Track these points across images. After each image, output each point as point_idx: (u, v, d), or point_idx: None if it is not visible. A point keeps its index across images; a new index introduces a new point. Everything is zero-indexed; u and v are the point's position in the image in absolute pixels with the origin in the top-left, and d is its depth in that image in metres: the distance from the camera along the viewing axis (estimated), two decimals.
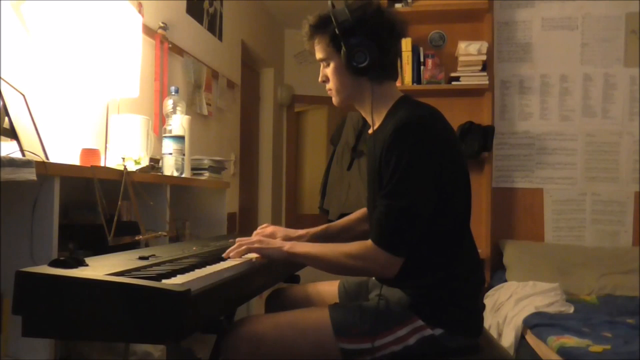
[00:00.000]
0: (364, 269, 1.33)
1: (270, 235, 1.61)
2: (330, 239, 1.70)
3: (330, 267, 1.34)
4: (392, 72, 1.45)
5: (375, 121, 1.42)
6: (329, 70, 1.43)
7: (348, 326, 1.28)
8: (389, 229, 1.25)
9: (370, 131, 1.46)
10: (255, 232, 1.63)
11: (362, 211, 1.69)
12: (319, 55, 1.43)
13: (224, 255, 1.39)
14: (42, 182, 1.30)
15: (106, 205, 1.50)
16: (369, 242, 1.28)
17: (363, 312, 1.30)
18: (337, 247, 1.33)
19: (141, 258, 1.26)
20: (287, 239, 1.60)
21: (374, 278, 1.54)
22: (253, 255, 1.39)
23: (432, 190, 1.27)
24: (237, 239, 1.41)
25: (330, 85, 1.44)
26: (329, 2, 1.40)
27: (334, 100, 1.46)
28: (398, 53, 1.47)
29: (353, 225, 1.71)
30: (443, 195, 1.29)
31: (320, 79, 1.47)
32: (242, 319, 1.36)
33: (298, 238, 1.63)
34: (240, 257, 1.37)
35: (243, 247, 1.37)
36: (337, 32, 1.34)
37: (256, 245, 1.36)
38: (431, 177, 1.27)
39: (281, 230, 1.64)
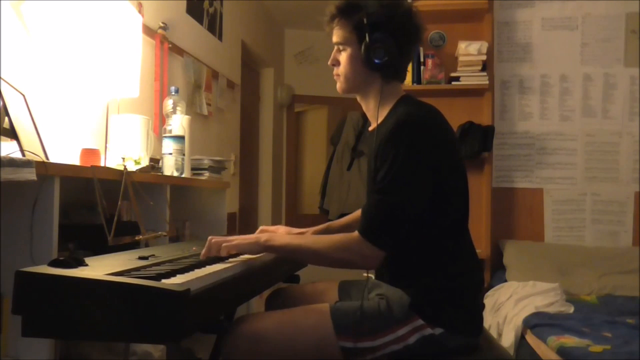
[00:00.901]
0: (346, 261, 1.31)
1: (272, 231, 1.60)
2: None
3: (311, 258, 1.34)
4: (402, 74, 1.45)
5: (378, 119, 1.42)
6: (342, 56, 1.42)
7: (349, 325, 1.28)
8: (377, 223, 1.26)
9: (371, 128, 1.46)
10: (259, 230, 1.62)
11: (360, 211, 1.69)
12: (336, 38, 1.42)
13: (201, 256, 1.33)
14: (42, 182, 1.29)
15: (106, 205, 1.50)
16: (355, 233, 1.28)
17: (364, 311, 1.30)
18: (319, 238, 1.33)
19: (141, 258, 1.26)
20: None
21: (374, 278, 1.54)
22: (245, 257, 1.38)
23: (425, 189, 1.27)
24: (209, 237, 1.35)
25: (340, 70, 1.43)
26: None
27: (339, 86, 1.46)
28: (412, 57, 1.47)
29: (354, 224, 1.69)
30: (441, 195, 1.29)
31: (330, 62, 1.46)
32: (241, 317, 1.36)
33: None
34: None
35: (222, 249, 1.31)
36: (364, 22, 1.33)
37: (233, 243, 1.32)
38: (425, 176, 1.27)
39: (283, 228, 1.64)
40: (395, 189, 1.25)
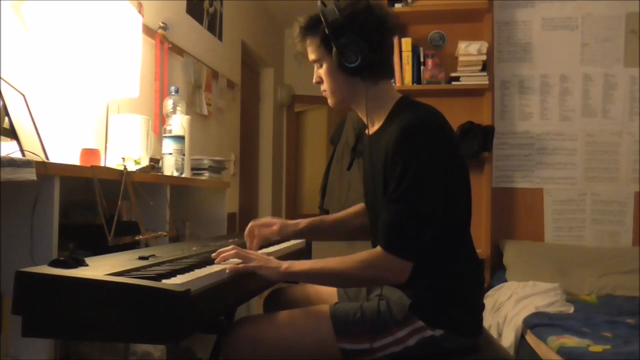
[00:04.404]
0: (376, 278, 1.29)
1: (264, 224, 1.58)
2: (325, 231, 1.68)
3: (336, 281, 1.32)
4: (386, 71, 1.41)
5: (375, 123, 1.40)
6: (322, 72, 1.40)
7: (348, 326, 1.28)
8: (401, 234, 1.23)
9: (367, 132, 1.44)
10: (250, 225, 1.58)
11: (359, 206, 1.68)
12: (311, 56, 1.41)
13: (215, 257, 1.30)
14: (42, 182, 1.29)
15: (106, 205, 1.50)
16: (378, 249, 1.24)
17: (364, 312, 1.30)
18: (342, 259, 1.27)
19: (141, 258, 1.26)
20: (284, 225, 1.59)
21: None
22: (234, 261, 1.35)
23: (441, 192, 1.26)
24: (234, 248, 1.31)
25: (325, 86, 1.42)
26: (319, 2, 1.36)
27: (330, 101, 1.44)
28: (391, 50, 1.42)
29: (349, 219, 1.68)
30: (446, 196, 1.28)
31: (314, 80, 1.44)
32: (241, 319, 1.36)
33: (296, 224, 1.61)
34: (237, 271, 1.26)
35: (240, 265, 1.26)
36: (326, 32, 1.31)
37: (253, 264, 1.27)
38: (439, 180, 1.25)
39: (277, 219, 1.61)
40: (412, 197, 1.23)
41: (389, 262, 1.22)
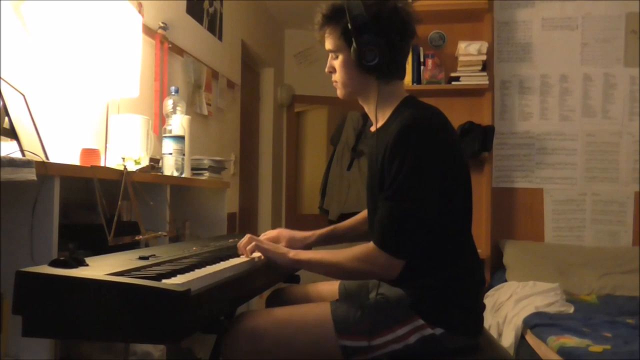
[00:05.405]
0: (366, 272, 1.32)
1: (274, 238, 1.60)
2: (337, 240, 1.70)
3: (333, 271, 1.35)
4: (400, 71, 1.43)
5: (379, 119, 1.40)
6: (337, 63, 1.41)
7: (349, 323, 1.28)
8: (392, 231, 1.24)
9: (372, 129, 1.45)
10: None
11: (365, 212, 1.69)
12: (328, 46, 1.41)
13: (238, 246, 1.43)
14: (42, 182, 1.29)
15: (106, 205, 1.49)
16: (371, 244, 1.27)
17: (364, 309, 1.30)
18: (340, 251, 1.32)
19: (141, 258, 1.26)
20: (292, 240, 1.60)
21: None
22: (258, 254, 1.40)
23: (435, 193, 1.26)
24: (248, 235, 1.43)
25: (337, 77, 1.42)
26: None
27: (339, 92, 1.45)
28: (408, 53, 1.43)
29: (359, 226, 1.70)
30: (445, 196, 1.28)
31: (327, 70, 1.45)
32: (241, 314, 1.36)
33: (304, 239, 1.62)
34: (249, 254, 1.39)
35: (252, 244, 1.38)
36: (349, 26, 1.31)
37: (264, 246, 1.38)
38: (435, 180, 1.26)
39: (286, 232, 1.62)
40: (405, 195, 1.24)
41: (380, 258, 1.25)
